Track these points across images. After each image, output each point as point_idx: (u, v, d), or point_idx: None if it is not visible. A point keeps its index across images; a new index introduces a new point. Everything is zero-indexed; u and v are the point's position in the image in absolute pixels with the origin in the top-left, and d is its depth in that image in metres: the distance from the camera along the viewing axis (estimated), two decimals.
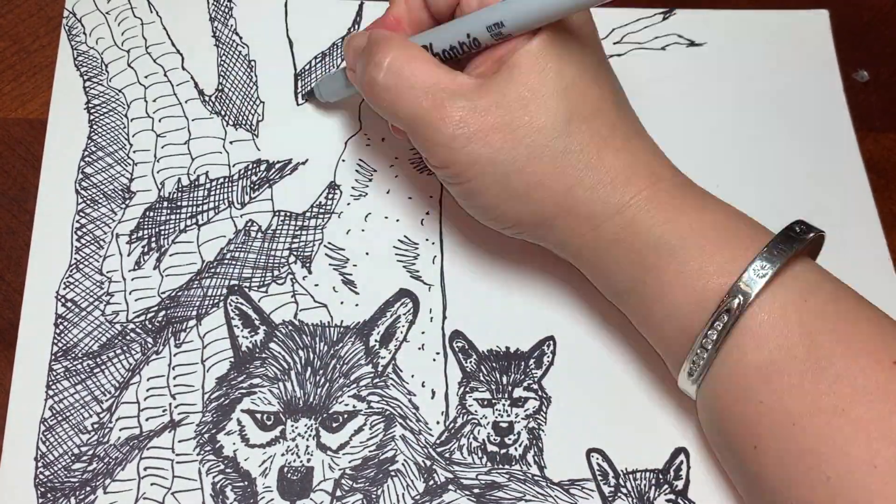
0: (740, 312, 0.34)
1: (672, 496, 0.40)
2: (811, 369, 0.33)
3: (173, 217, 0.45)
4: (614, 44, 0.50)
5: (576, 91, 0.36)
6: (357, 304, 0.43)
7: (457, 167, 0.37)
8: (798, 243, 0.35)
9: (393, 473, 0.40)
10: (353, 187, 0.46)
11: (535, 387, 0.42)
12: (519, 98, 0.35)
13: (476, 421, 0.41)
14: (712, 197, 0.38)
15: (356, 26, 0.50)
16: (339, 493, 0.39)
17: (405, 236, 0.45)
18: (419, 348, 0.42)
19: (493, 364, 0.42)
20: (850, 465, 0.32)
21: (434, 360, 0.42)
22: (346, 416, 0.41)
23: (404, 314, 0.43)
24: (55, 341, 0.41)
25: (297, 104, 0.47)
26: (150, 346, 0.42)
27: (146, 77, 0.48)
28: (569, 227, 0.37)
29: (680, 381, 0.37)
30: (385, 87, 0.37)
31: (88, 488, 0.39)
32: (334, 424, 0.40)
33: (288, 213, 0.45)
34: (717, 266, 0.35)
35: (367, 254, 0.44)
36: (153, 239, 0.44)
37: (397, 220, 0.45)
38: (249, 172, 0.46)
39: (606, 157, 0.36)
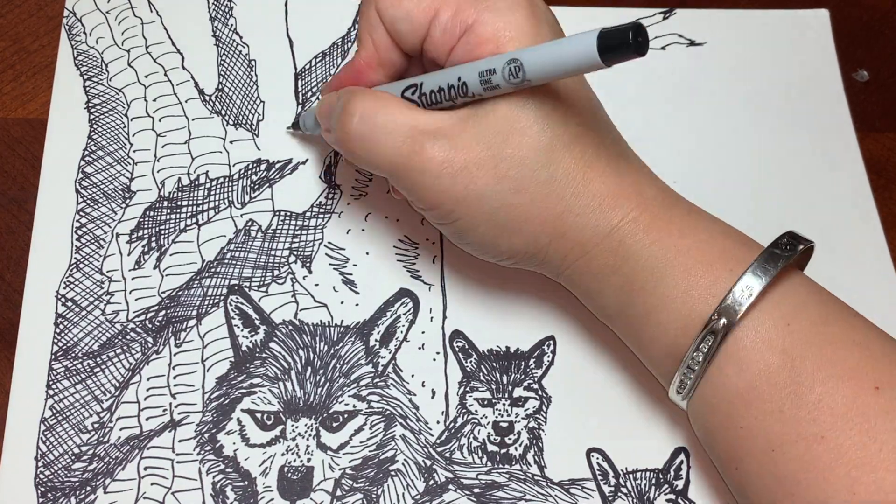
0: (724, 336, 0.34)
1: (672, 496, 0.40)
2: (791, 395, 0.33)
3: (173, 217, 0.45)
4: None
5: (555, 118, 0.35)
6: (357, 304, 0.43)
7: (444, 207, 0.36)
8: (783, 260, 0.35)
9: (393, 473, 0.40)
10: (353, 187, 0.46)
11: (535, 387, 0.42)
12: (499, 131, 0.35)
13: (476, 421, 0.41)
14: (700, 213, 0.37)
15: (356, 26, 0.50)
16: (339, 492, 0.39)
17: (405, 236, 0.45)
18: (419, 348, 0.42)
19: (493, 364, 0.42)
20: (829, 493, 0.32)
21: (434, 359, 0.42)
22: (346, 415, 0.41)
23: (404, 314, 0.43)
24: (55, 341, 0.41)
25: (286, 131, 0.47)
26: (150, 345, 0.42)
27: (146, 77, 0.48)
28: (561, 253, 0.37)
29: (671, 396, 0.37)
30: (360, 137, 0.36)
31: (88, 488, 0.39)
32: (334, 424, 0.40)
33: (288, 213, 0.45)
34: (702, 289, 0.35)
35: (367, 254, 0.44)
36: (153, 238, 0.44)
37: (397, 220, 0.45)
38: (249, 172, 0.46)
39: (592, 182, 0.36)
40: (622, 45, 0.30)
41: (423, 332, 0.43)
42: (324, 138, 0.41)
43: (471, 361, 0.42)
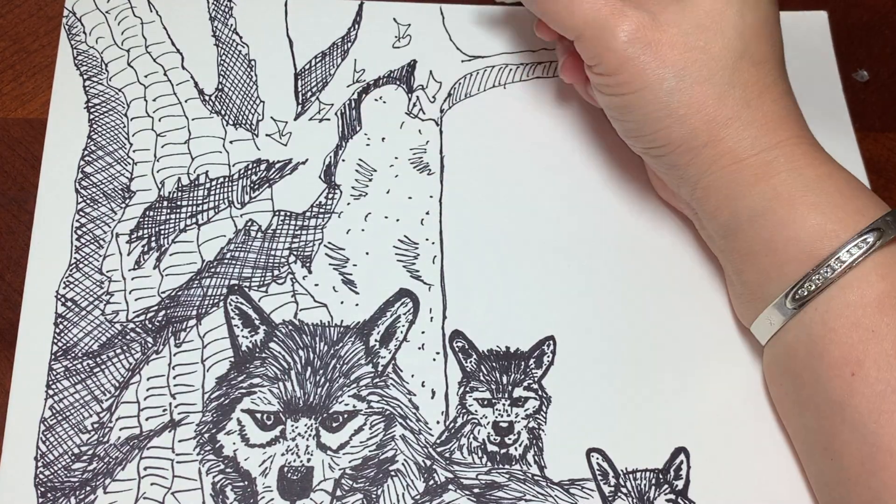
0: (879, 245, 0.36)
1: (672, 496, 0.40)
2: None
3: (173, 216, 0.45)
4: None
5: (751, 34, 0.38)
6: (357, 304, 0.43)
7: (625, 75, 0.38)
8: None
9: (393, 473, 0.40)
10: (353, 187, 0.46)
11: (535, 387, 0.42)
12: (699, 24, 0.38)
13: (476, 421, 0.41)
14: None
15: (356, 26, 0.50)
16: (339, 492, 0.39)
17: (405, 236, 0.45)
18: (419, 348, 0.42)
19: (493, 364, 0.42)
20: None
21: (434, 359, 0.42)
22: (346, 415, 0.41)
23: (404, 314, 0.43)
24: (55, 341, 0.41)
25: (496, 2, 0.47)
26: (150, 345, 0.42)
27: (146, 76, 0.48)
28: (713, 157, 0.38)
29: (765, 314, 0.39)
30: None
31: (88, 488, 0.39)
32: (334, 424, 0.40)
33: (288, 213, 0.45)
34: (855, 207, 0.37)
35: (367, 254, 0.44)
36: (153, 238, 0.44)
37: (397, 220, 0.45)
38: (249, 172, 0.46)
39: (765, 102, 0.38)
40: None
41: (423, 332, 0.43)
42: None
43: (471, 361, 0.42)
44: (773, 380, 0.40)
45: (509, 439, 0.41)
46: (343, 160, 0.46)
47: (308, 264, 0.44)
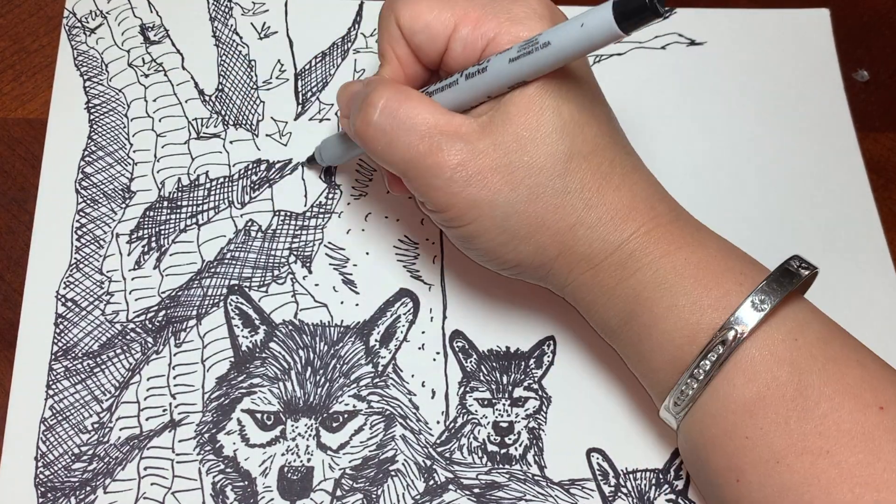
0: (735, 345, 0.34)
1: (672, 496, 0.40)
2: (798, 408, 0.33)
3: (173, 217, 0.45)
4: (614, 43, 0.50)
5: (574, 128, 0.35)
6: (357, 304, 0.43)
7: (455, 210, 0.36)
8: (796, 278, 0.35)
9: (393, 473, 0.40)
10: (353, 187, 0.46)
11: (535, 387, 0.42)
12: (517, 138, 0.35)
13: (476, 421, 0.41)
14: (709, 231, 0.37)
15: (356, 26, 0.50)
16: (339, 492, 0.39)
17: (405, 236, 0.45)
18: (419, 348, 0.42)
19: (493, 364, 0.42)
20: None
21: (434, 359, 0.42)
22: (346, 415, 0.41)
23: (404, 314, 0.43)
24: (55, 341, 0.41)
25: (300, 166, 0.46)
26: (150, 345, 0.42)
27: (146, 76, 0.48)
28: (568, 266, 0.37)
29: (662, 413, 0.37)
30: (381, 129, 0.36)
31: (88, 488, 0.39)
32: (334, 424, 0.40)
33: (288, 213, 0.45)
34: (712, 300, 0.35)
35: (367, 254, 0.44)
36: (153, 238, 0.44)
37: (397, 220, 0.45)
38: (249, 172, 0.46)
39: (607, 195, 0.36)
40: (638, 8, 0.30)
41: (423, 332, 0.43)
42: (341, 126, 0.40)
43: (471, 361, 0.42)
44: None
45: (509, 439, 0.41)
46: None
47: (308, 264, 0.44)
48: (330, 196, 0.46)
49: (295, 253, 0.44)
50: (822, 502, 0.32)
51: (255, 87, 0.48)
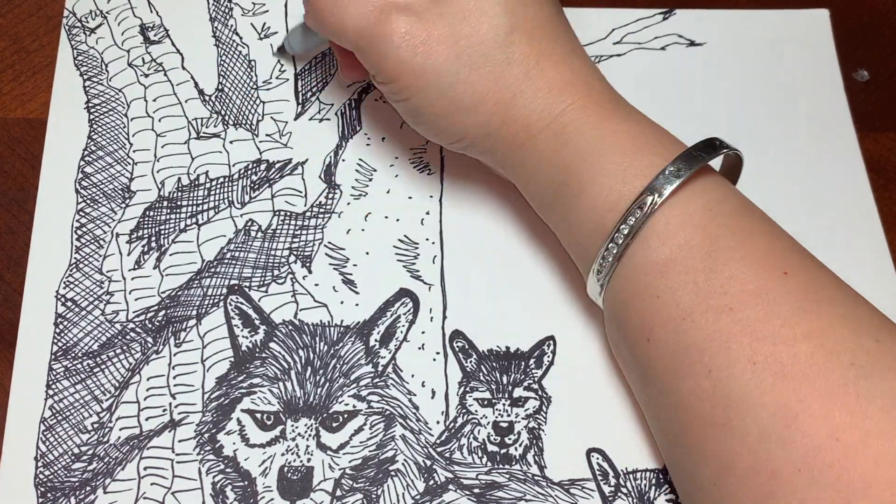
0: (651, 210, 0.35)
1: (672, 496, 0.40)
2: (706, 269, 0.35)
3: (173, 216, 0.45)
4: (614, 44, 0.50)
5: (516, 5, 0.38)
6: (357, 304, 0.43)
7: (403, 80, 0.38)
8: (715, 151, 0.37)
9: (393, 473, 0.40)
10: (353, 187, 0.46)
11: (535, 387, 0.42)
12: (462, 10, 0.38)
13: (476, 421, 0.41)
14: (642, 114, 0.39)
15: None
16: (339, 492, 0.39)
17: (405, 236, 0.45)
18: (419, 348, 0.42)
19: (493, 364, 0.42)
20: (731, 360, 0.33)
21: (434, 359, 0.42)
22: (346, 415, 0.41)
23: (404, 314, 0.43)
24: (55, 341, 0.41)
25: (272, 54, 0.49)
26: (150, 345, 0.42)
27: (146, 76, 0.48)
28: (509, 136, 0.39)
29: (589, 285, 0.39)
30: (332, 2, 0.39)
31: (88, 488, 0.39)
32: (334, 424, 0.40)
33: (288, 213, 0.45)
34: (635, 169, 0.36)
35: (367, 254, 0.44)
36: (153, 238, 0.44)
37: (397, 220, 0.45)
38: (249, 172, 0.46)
39: (546, 69, 0.38)
40: None
41: (423, 332, 0.43)
42: (304, 19, 0.42)
43: (471, 361, 0.42)
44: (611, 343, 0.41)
45: (509, 439, 0.41)
46: (343, 160, 0.46)
47: (308, 264, 0.44)
48: (330, 196, 0.46)
49: (295, 253, 0.44)
50: (723, 356, 0.33)
51: (254, 87, 0.48)
